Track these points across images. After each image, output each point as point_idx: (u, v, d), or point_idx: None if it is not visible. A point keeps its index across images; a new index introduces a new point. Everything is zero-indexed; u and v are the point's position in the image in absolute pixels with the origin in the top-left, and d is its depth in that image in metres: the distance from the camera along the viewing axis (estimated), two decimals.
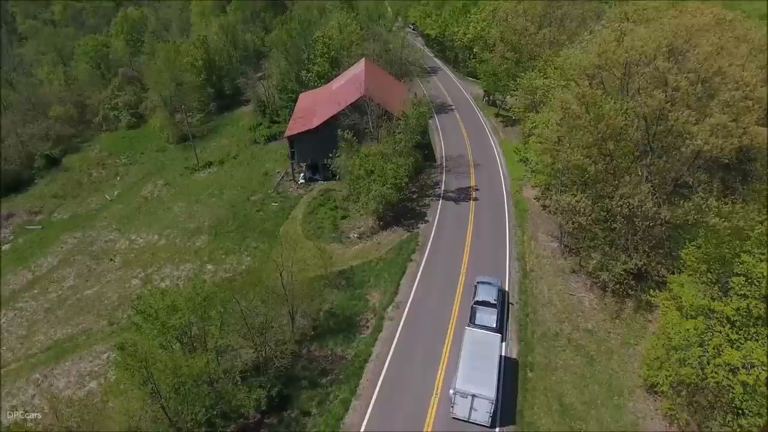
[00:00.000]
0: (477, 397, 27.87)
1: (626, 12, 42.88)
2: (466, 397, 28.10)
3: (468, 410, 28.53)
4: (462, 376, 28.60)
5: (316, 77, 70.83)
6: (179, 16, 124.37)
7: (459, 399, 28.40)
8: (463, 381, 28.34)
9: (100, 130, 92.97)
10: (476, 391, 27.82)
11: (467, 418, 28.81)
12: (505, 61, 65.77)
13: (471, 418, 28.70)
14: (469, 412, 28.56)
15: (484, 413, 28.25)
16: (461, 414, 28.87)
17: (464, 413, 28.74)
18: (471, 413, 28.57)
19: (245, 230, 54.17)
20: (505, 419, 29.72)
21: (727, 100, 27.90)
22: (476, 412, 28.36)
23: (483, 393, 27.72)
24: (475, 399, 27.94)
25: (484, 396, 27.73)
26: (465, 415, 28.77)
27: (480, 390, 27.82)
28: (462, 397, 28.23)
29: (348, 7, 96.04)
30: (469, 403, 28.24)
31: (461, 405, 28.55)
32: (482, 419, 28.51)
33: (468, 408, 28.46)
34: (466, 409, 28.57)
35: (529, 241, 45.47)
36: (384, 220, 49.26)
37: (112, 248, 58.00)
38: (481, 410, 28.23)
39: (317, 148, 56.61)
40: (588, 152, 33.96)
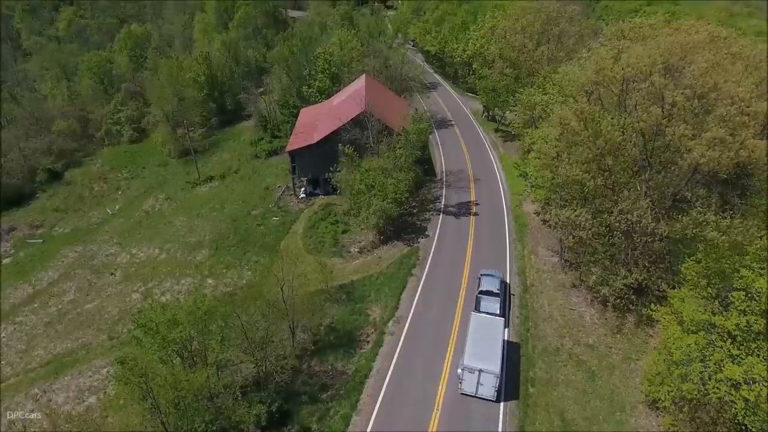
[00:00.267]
0: (483, 372, 30.18)
1: (623, 30, 43.47)
2: (474, 372, 30.40)
3: (475, 385, 30.78)
4: (469, 353, 30.88)
5: (317, 93, 71.59)
6: (182, 33, 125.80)
7: (467, 375, 30.64)
8: (470, 358, 30.60)
9: (102, 145, 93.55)
10: (482, 366, 30.17)
11: (474, 393, 31.00)
12: (504, 77, 66.53)
13: (478, 393, 30.91)
14: (476, 387, 30.80)
15: (489, 387, 30.46)
16: (469, 389, 31.11)
17: (471, 389, 30.96)
18: (478, 388, 30.79)
19: (246, 244, 54.31)
20: (509, 396, 31.74)
21: (723, 115, 28.26)
22: (482, 387, 30.64)
23: (488, 368, 30.08)
24: (481, 374, 30.25)
25: (489, 371, 30.06)
26: (472, 390, 30.98)
27: (486, 365, 30.18)
28: (470, 373, 30.49)
29: (349, 25, 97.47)
30: (476, 378, 30.49)
31: (469, 380, 30.79)
32: (488, 393, 30.67)
33: (475, 383, 30.70)
34: (474, 385, 30.81)
35: (529, 256, 45.58)
36: (384, 235, 49.43)
37: (112, 262, 58.07)
38: (487, 385, 30.48)
39: (318, 163, 57.04)
40: (587, 167, 34.26)
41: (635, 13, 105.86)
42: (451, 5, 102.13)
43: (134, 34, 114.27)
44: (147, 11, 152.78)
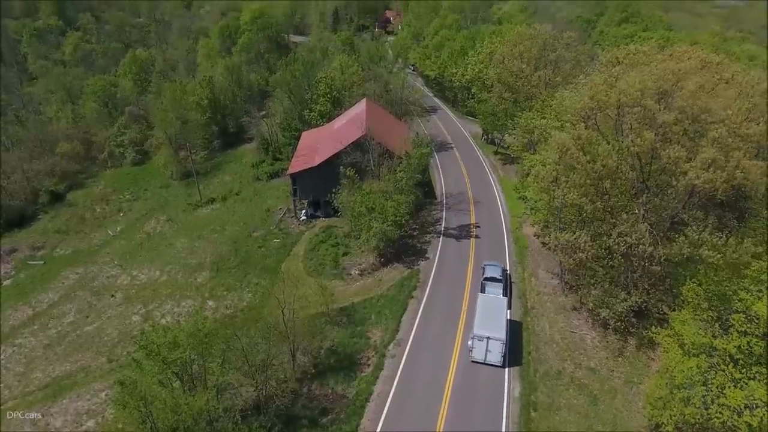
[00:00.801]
0: (491, 339, 34.40)
1: (618, 56, 44.50)
2: (482, 340, 34.61)
3: (484, 352, 34.88)
4: (478, 325, 35.23)
5: (318, 116, 72.59)
6: (186, 57, 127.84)
7: (476, 343, 34.89)
8: (479, 328, 34.93)
9: (105, 167, 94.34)
10: (490, 334, 34.47)
11: (483, 359, 35.09)
12: (502, 101, 67.66)
13: (487, 359, 34.98)
14: (485, 354, 34.89)
15: (497, 354, 34.63)
16: (479, 356, 35.17)
17: (481, 355, 35.07)
18: (486, 355, 34.90)
19: (247, 266, 54.42)
20: (513, 363, 35.82)
21: (715, 137, 28.81)
22: (491, 353, 34.74)
23: (495, 335, 34.40)
24: (489, 341, 34.45)
25: (496, 338, 34.33)
26: (482, 357, 35.10)
27: (493, 333, 34.51)
28: (479, 341, 34.73)
29: (350, 50, 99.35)
30: (484, 345, 34.66)
31: (478, 348, 34.90)
32: (495, 360, 34.80)
33: (484, 350, 34.82)
34: (483, 352, 34.92)
35: (529, 278, 45.70)
36: (385, 257, 49.61)
37: (113, 284, 58.05)
38: (494, 351, 34.63)
39: (319, 186, 57.60)
40: (584, 191, 34.70)
41: (630, 39, 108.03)
42: (450, 31, 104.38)
43: (139, 59, 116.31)
44: (152, 36, 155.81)
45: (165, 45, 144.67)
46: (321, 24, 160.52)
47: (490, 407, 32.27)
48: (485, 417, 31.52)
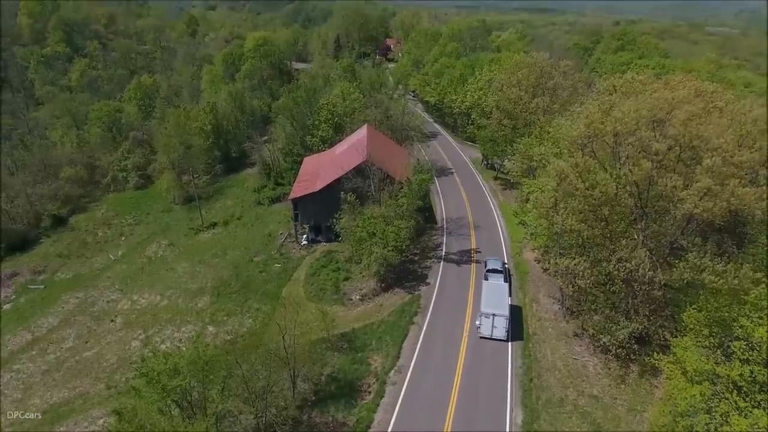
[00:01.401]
0: (496, 316, 39.49)
1: (614, 85, 45.44)
2: (489, 317, 39.73)
3: (491, 328, 39.84)
4: (484, 304, 40.49)
5: (320, 142, 73.59)
6: (190, 83, 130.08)
7: (484, 320, 40.01)
8: (486, 307, 40.15)
9: (108, 191, 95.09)
10: (495, 312, 39.64)
11: (490, 335, 39.98)
12: (501, 127, 68.68)
13: (493, 335, 39.89)
14: (491, 329, 39.83)
15: (501, 329, 39.65)
16: (486, 332, 40.10)
17: (488, 331, 39.97)
18: (493, 331, 39.83)
19: (248, 291, 54.41)
20: (515, 338, 40.74)
21: (710, 166, 29.27)
22: (496, 329, 39.71)
23: (500, 312, 39.56)
24: (495, 318, 39.52)
25: (500, 314, 39.47)
26: (488, 332, 39.99)
27: (497, 310, 39.69)
28: (486, 318, 39.84)
29: (351, 77, 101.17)
30: (491, 322, 39.69)
31: (486, 324, 39.96)
32: (500, 334, 39.78)
33: (490, 326, 39.81)
34: (489, 328, 39.90)
35: (530, 304, 45.65)
36: (386, 282, 49.65)
37: (113, 309, 57.93)
38: (499, 327, 39.64)
39: (320, 211, 58.07)
40: (583, 217, 35.03)
41: (627, 66, 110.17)
42: (450, 59, 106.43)
43: (144, 85, 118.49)
44: (157, 63, 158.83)
45: (170, 71, 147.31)
46: (323, 51, 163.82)
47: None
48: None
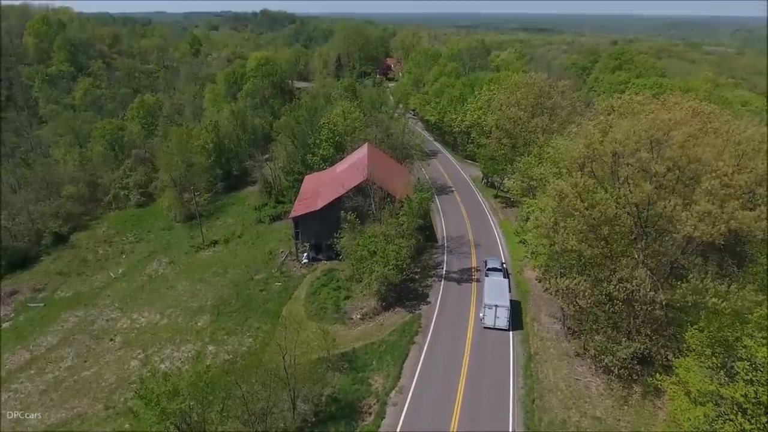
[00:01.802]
0: (498, 307, 43.53)
1: (612, 105, 45.96)
2: (492, 308, 43.75)
3: (493, 318, 43.83)
4: (487, 296, 44.70)
5: (321, 160, 74.11)
6: (192, 102, 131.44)
7: (487, 311, 44.00)
8: (489, 298, 44.30)
9: (109, 209, 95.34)
10: (498, 303, 43.72)
11: (493, 325, 43.91)
12: (501, 146, 69.20)
13: (496, 325, 43.77)
14: (494, 320, 43.80)
15: (503, 319, 43.67)
16: (489, 322, 44.09)
17: (491, 321, 43.96)
18: (495, 321, 43.78)
19: (248, 310, 54.24)
20: (516, 327, 44.64)
21: (709, 189, 29.47)
22: (499, 319, 43.72)
23: (501, 303, 43.72)
24: (497, 308, 43.56)
25: (502, 305, 43.57)
26: (492, 323, 43.97)
27: (499, 302, 43.84)
28: (489, 309, 43.88)
29: (352, 96, 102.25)
30: (493, 312, 43.70)
31: (489, 315, 43.98)
32: (502, 324, 43.71)
33: (493, 317, 43.80)
34: (492, 318, 43.89)
35: (532, 323, 45.47)
36: (386, 301, 49.55)
37: (113, 327, 57.67)
38: (501, 317, 43.67)
39: (321, 229, 58.22)
40: (583, 236, 35.12)
41: (625, 85, 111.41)
42: (450, 78, 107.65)
43: (147, 104, 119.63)
44: (160, 82, 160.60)
45: (172, 90, 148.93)
46: (324, 70, 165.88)
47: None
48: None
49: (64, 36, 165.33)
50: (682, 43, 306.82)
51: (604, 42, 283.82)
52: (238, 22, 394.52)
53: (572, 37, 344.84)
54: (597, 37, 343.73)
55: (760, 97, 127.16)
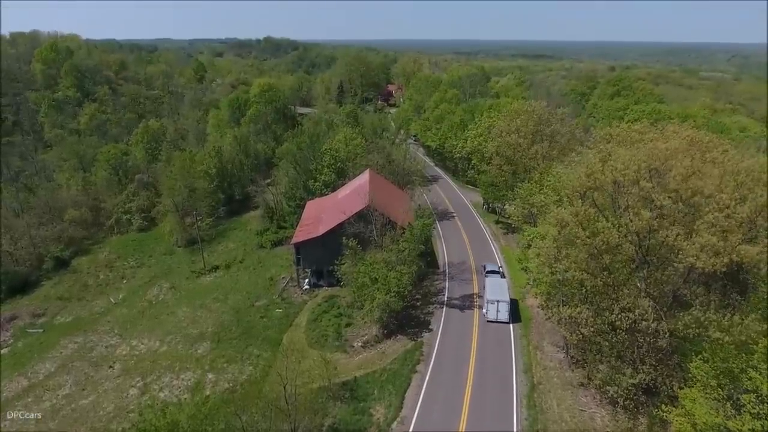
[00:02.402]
0: (500, 302, 49.08)
1: (611, 134, 46.53)
2: (494, 303, 49.25)
3: (495, 313, 49.32)
4: (490, 293, 50.22)
5: (322, 186, 74.55)
6: (196, 127, 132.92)
7: (490, 306, 49.53)
8: (491, 295, 49.86)
9: (111, 233, 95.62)
10: (499, 298, 49.34)
11: (495, 318, 49.30)
12: (502, 172, 69.71)
13: (498, 318, 49.25)
14: (496, 314, 49.30)
15: (504, 313, 49.18)
16: (492, 316, 49.46)
17: (493, 316, 49.39)
18: (497, 315, 49.26)
19: (248, 337, 53.88)
20: (515, 320, 49.94)
21: (711, 221, 29.62)
22: (500, 312, 49.22)
23: (502, 299, 49.31)
24: (498, 303, 49.11)
25: (503, 300, 49.18)
26: (494, 317, 49.35)
27: (500, 297, 49.45)
28: (491, 304, 49.39)
29: (354, 122, 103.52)
30: (495, 307, 49.25)
31: (491, 310, 49.44)
32: (503, 317, 49.20)
33: (495, 311, 49.31)
34: (494, 312, 49.34)
35: (534, 352, 45.06)
36: (388, 329, 49.24)
37: (112, 354, 57.23)
38: (502, 311, 49.18)
39: (322, 255, 58.26)
40: (585, 265, 35.12)
41: (623, 112, 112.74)
42: (450, 105, 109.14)
43: (151, 129, 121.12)
44: (165, 107, 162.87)
45: (177, 115, 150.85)
46: (326, 96, 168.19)
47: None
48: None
49: (72, 62, 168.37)
50: (679, 69, 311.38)
51: (602, 68, 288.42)
52: (242, 49, 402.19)
53: (570, 63, 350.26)
54: (595, 63, 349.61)
55: (758, 123, 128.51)
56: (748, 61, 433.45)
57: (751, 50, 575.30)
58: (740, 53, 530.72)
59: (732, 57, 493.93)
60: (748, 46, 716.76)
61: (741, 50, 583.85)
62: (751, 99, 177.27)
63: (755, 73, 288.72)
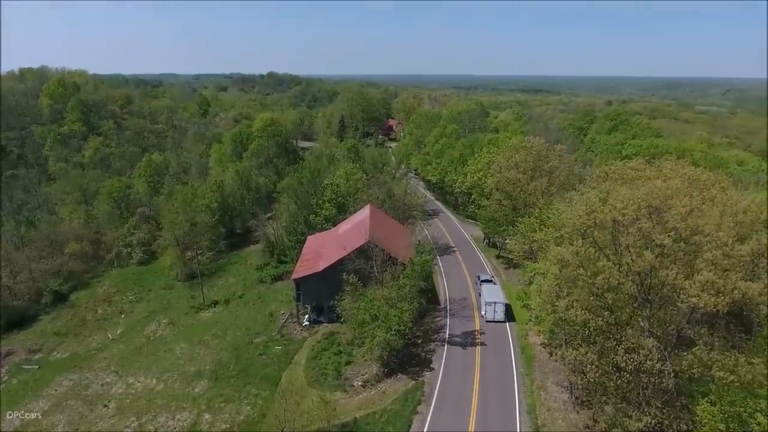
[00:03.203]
0: (496, 303, 55.90)
1: (607, 171, 47.09)
2: (491, 304, 55.83)
3: (493, 313, 55.92)
4: (487, 296, 56.99)
5: (323, 220, 74.80)
6: (199, 161, 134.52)
7: (487, 307, 56.20)
8: (489, 297, 56.61)
9: (111, 266, 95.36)
10: (496, 300, 56.27)
11: (493, 318, 55.83)
12: (502, 207, 70.07)
13: (495, 318, 55.81)
14: (494, 314, 55.87)
15: (500, 313, 55.88)
16: (489, 317, 56.06)
17: (491, 316, 55.97)
18: (494, 315, 55.84)
19: (247, 375, 53.01)
20: (510, 320, 56.47)
21: (710, 259, 29.63)
22: (497, 313, 55.84)
23: (498, 300, 56.43)
24: (495, 305, 55.85)
25: (500, 301, 56.29)
26: (491, 317, 55.90)
27: (497, 299, 56.46)
28: (489, 306, 55.99)
29: (355, 156, 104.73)
30: (492, 308, 55.87)
31: (489, 311, 56.06)
32: (500, 317, 55.81)
33: (493, 311, 55.90)
34: (492, 313, 55.93)
35: (538, 392, 44.21)
36: (388, 367, 48.49)
37: (107, 392, 56.13)
38: (499, 312, 55.85)
39: (323, 291, 57.98)
40: (587, 305, 34.89)
41: (621, 146, 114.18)
42: (450, 140, 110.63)
43: (154, 163, 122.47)
44: (168, 141, 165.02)
45: (180, 149, 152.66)
46: (328, 131, 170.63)
47: None
48: None
49: (78, 97, 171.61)
50: (675, 103, 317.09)
51: (599, 102, 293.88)
52: (245, 84, 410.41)
53: (568, 98, 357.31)
54: (592, 98, 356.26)
55: (755, 156, 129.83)
56: (742, 95, 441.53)
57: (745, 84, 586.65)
58: (734, 87, 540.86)
59: (727, 91, 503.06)
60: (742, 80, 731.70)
61: (735, 84, 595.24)
62: (746, 133, 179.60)
63: (750, 107, 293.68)
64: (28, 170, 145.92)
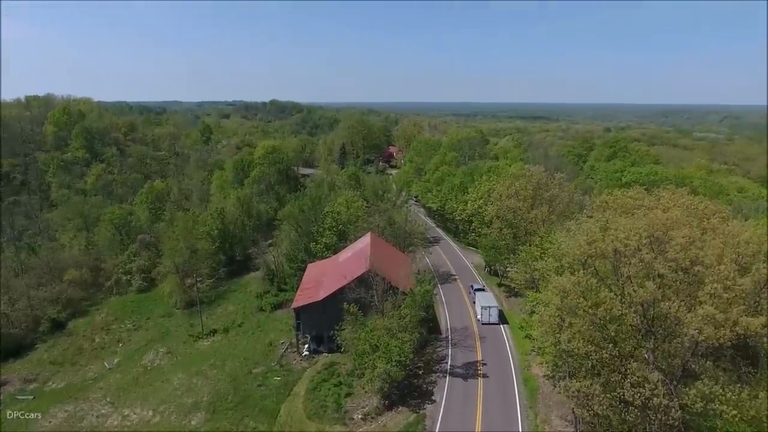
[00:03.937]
0: (491, 308, 62.90)
1: (606, 201, 47.21)
2: (486, 309, 62.60)
3: (488, 316, 62.45)
4: (483, 302, 63.71)
5: (324, 248, 74.66)
6: (200, 188, 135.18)
7: (483, 311, 62.63)
8: (484, 302, 63.50)
9: (110, 294, 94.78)
10: (490, 304, 63.52)
11: (488, 321, 62.24)
12: (502, 235, 70.03)
13: (490, 320, 62.32)
14: (489, 317, 62.43)
15: (495, 316, 62.56)
16: (485, 319, 62.38)
17: (486, 319, 62.34)
18: (489, 318, 62.45)
19: (245, 407, 52.05)
20: (503, 322, 63.01)
21: (712, 292, 29.42)
22: (491, 316, 62.55)
23: (493, 305, 63.64)
24: (490, 309, 62.78)
25: (494, 306, 63.46)
26: (487, 319, 62.28)
27: (491, 304, 63.70)
28: (485, 309, 62.55)
29: (355, 184, 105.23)
30: (488, 312, 62.59)
31: (484, 314, 62.52)
32: (494, 320, 62.42)
33: (488, 315, 62.52)
34: (487, 316, 62.41)
35: (542, 425, 43.29)
36: (389, 399, 47.64)
37: (102, 425, 55.12)
38: (493, 315, 62.63)
39: (323, 320, 57.47)
40: (590, 336, 34.50)
41: (621, 173, 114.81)
42: (450, 167, 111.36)
43: (155, 189, 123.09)
44: (170, 168, 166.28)
45: (182, 176, 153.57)
46: (329, 158, 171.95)
47: None
48: None
49: (82, 125, 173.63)
50: (673, 130, 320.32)
51: (598, 129, 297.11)
52: (248, 111, 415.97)
53: (567, 124, 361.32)
54: (591, 125, 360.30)
55: (755, 183, 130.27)
56: (740, 122, 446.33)
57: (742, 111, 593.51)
58: (732, 114, 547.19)
59: (724, 118, 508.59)
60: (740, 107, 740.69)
61: (732, 111, 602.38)
62: (745, 159, 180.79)
63: (747, 133, 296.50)
64: (30, 196, 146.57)
